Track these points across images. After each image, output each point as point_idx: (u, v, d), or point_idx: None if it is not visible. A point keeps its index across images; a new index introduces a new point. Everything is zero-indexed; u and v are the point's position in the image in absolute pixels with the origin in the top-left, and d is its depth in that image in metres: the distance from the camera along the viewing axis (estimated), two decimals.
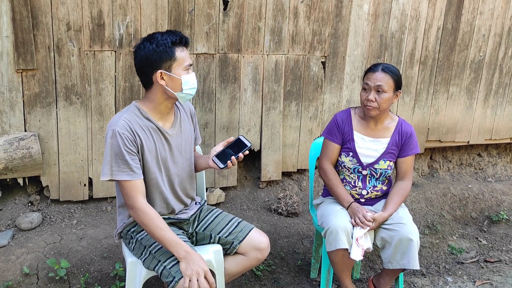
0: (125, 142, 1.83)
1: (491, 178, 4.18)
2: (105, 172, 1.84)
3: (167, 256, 1.87)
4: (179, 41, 1.88)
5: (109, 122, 1.90)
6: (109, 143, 1.83)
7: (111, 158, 1.83)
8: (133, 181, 1.85)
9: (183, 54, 1.89)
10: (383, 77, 2.27)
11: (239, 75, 3.14)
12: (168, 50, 1.85)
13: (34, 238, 2.63)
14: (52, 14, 2.61)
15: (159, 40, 1.85)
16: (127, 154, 1.83)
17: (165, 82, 1.88)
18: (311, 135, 3.48)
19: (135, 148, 1.87)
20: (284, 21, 3.18)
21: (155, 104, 1.94)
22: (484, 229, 3.58)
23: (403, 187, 2.39)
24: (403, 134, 2.40)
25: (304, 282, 2.78)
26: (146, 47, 1.86)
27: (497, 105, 4.04)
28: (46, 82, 2.68)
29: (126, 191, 1.86)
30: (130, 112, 1.91)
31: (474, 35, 3.74)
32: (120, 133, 1.82)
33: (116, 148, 1.82)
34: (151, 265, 1.91)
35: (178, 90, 1.90)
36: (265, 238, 2.11)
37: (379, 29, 3.45)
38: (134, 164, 1.85)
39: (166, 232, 1.84)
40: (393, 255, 2.23)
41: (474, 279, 2.96)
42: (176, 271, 1.81)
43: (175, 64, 1.87)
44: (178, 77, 1.88)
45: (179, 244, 1.83)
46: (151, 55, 1.85)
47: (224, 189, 3.31)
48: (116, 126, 1.83)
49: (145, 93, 1.97)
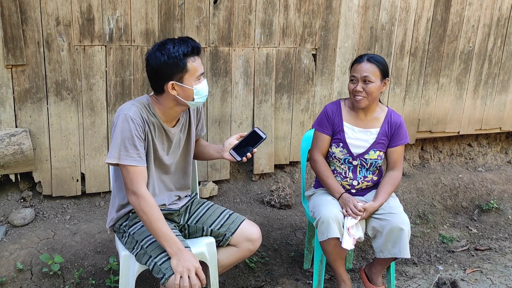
0: (137, 128, 1.84)
1: (481, 167, 4.23)
2: (113, 155, 1.83)
3: (158, 252, 1.88)
4: (191, 52, 1.85)
5: (120, 107, 1.90)
6: (120, 127, 1.83)
7: (121, 142, 1.82)
8: (139, 167, 1.85)
9: (195, 64, 1.87)
10: (368, 68, 2.29)
11: (230, 68, 3.14)
12: (180, 63, 1.83)
13: (27, 234, 2.63)
14: (41, 9, 2.59)
15: (171, 52, 1.82)
16: (137, 139, 1.84)
17: (177, 92, 1.88)
18: (302, 127, 3.49)
19: (144, 135, 1.89)
20: (275, 14, 3.18)
21: (164, 108, 1.95)
22: (474, 218, 3.63)
23: (394, 177, 2.42)
24: (393, 124, 2.42)
25: (297, 273, 2.80)
26: (157, 58, 1.84)
27: (486, 96, 4.08)
28: (36, 77, 2.67)
29: (131, 176, 1.84)
30: (141, 103, 1.92)
31: (463, 26, 3.77)
32: (132, 118, 1.83)
33: (128, 133, 1.82)
34: (143, 260, 1.92)
35: (190, 100, 1.91)
36: (257, 229, 2.13)
37: (369, 21, 3.47)
38: (142, 151, 1.86)
39: (163, 225, 1.85)
40: (385, 244, 2.26)
41: (465, 267, 3.00)
42: (166, 268, 1.82)
43: (187, 76, 1.86)
44: (190, 87, 1.88)
45: (172, 240, 1.84)
46: (163, 68, 1.84)
47: (217, 183, 3.33)
48: (129, 111, 1.84)
49: (157, 96, 1.96)
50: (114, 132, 1.85)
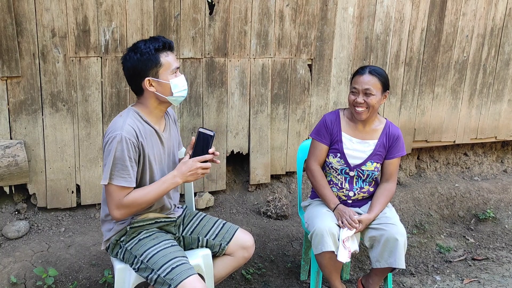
0: (129, 148, 1.83)
1: (477, 177, 4.23)
2: (105, 176, 1.83)
3: (160, 264, 1.86)
4: (162, 47, 1.89)
5: (112, 126, 1.88)
6: (114, 147, 1.81)
7: (113, 163, 1.82)
8: (127, 187, 1.85)
9: (168, 58, 1.91)
10: (370, 80, 2.29)
11: (226, 79, 3.15)
12: (152, 58, 1.87)
13: (21, 246, 2.61)
14: (36, 21, 2.59)
15: (142, 49, 1.87)
16: (129, 160, 1.83)
17: (155, 88, 1.91)
18: (299, 137, 3.49)
19: (137, 155, 1.88)
20: (270, 25, 3.19)
21: (150, 109, 1.96)
22: (471, 227, 3.62)
23: (388, 189, 2.41)
24: (391, 136, 2.42)
25: (294, 284, 2.78)
26: (131, 58, 1.89)
27: (481, 105, 4.10)
28: (31, 89, 2.66)
29: (117, 194, 1.84)
30: (131, 116, 1.91)
31: (457, 36, 3.80)
32: (126, 138, 1.82)
33: (120, 153, 1.82)
34: (143, 274, 1.91)
35: (169, 94, 1.92)
36: (250, 237, 2.16)
37: (364, 31, 3.49)
38: (133, 172, 1.86)
39: (151, 190, 1.89)
40: (381, 254, 2.25)
41: (462, 277, 2.99)
42: (171, 279, 1.80)
43: (161, 70, 1.89)
44: (167, 82, 1.90)
45: (162, 179, 1.90)
46: (137, 65, 1.88)
47: (213, 193, 3.31)
48: (122, 131, 1.83)
49: (138, 99, 1.98)
50: (107, 152, 1.84)
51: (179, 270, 1.82)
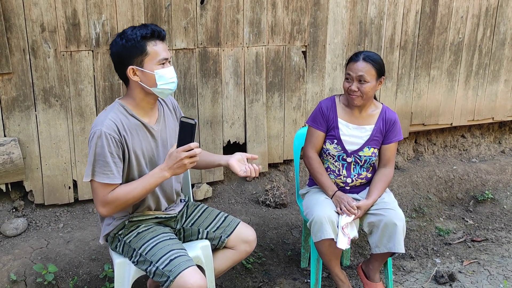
0: (110, 144, 1.78)
1: (475, 158, 4.23)
2: (87, 173, 1.81)
3: (159, 256, 1.85)
4: (151, 35, 1.81)
5: (94, 121, 1.85)
6: (94, 143, 1.78)
7: (94, 159, 1.79)
8: (111, 184, 1.81)
9: (156, 48, 1.82)
10: (364, 67, 2.26)
11: (220, 69, 3.12)
12: (137, 45, 1.79)
13: (20, 244, 2.60)
14: (25, 16, 2.55)
15: (129, 35, 1.80)
16: (110, 156, 1.79)
17: (139, 78, 1.84)
18: (295, 125, 3.48)
19: (120, 150, 1.83)
20: (263, 12, 3.15)
21: (136, 101, 1.89)
22: (470, 209, 3.63)
23: (386, 174, 2.40)
24: (387, 121, 2.41)
25: (294, 272, 2.79)
26: (117, 44, 1.83)
27: (478, 86, 4.08)
28: (23, 85, 2.63)
29: (101, 191, 1.81)
30: (115, 110, 1.86)
31: (452, 17, 3.76)
32: (106, 133, 1.77)
33: (100, 149, 1.78)
34: (142, 267, 1.90)
35: (153, 86, 1.84)
36: (252, 231, 2.14)
37: (358, 15, 3.45)
38: (115, 168, 1.81)
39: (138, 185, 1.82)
40: (380, 239, 2.25)
41: (462, 259, 3.00)
42: (170, 270, 1.79)
43: (147, 59, 1.81)
44: (151, 72, 1.82)
45: (149, 174, 1.83)
46: (122, 52, 1.81)
47: (211, 184, 3.30)
48: (102, 126, 1.78)
49: (127, 91, 1.93)
50: (89, 148, 1.81)
51: (177, 261, 1.81)
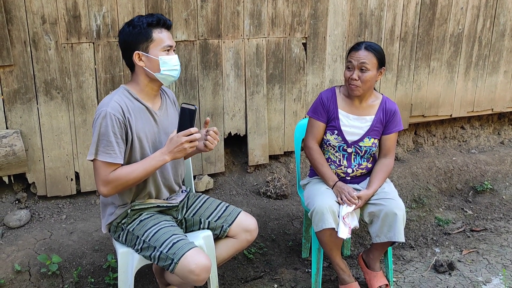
0: (114, 124, 1.84)
1: (474, 149, 4.25)
2: (91, 152, 1.86)
3: (161, 241, 1.88)
4: (156, 23, 1.90)
5: (100, 104, 1.91)
6: (98, 123, 1.84)
7: (98, 139, 1.84)
8: (113, 163, 1.85)
9: (161, 35, 1.91)
10: (366, 56, 2.28)
11: (220, 60, 3.12)
12: (143, 32, 1.88)
13: (24, 235, 2.62)
14: (26, 8, 2.56)
15: (135, 23, 1.89)
16: (113, 136, 1.84)
17: (144, 63, 1.91)
18: (295, 117, 3.49)
19: (123, 131, 1.88)
20: (263, 4, 3.15)
21: (141, 87, 1.97)
22: (469, 199, 3.65)
23: (386, 164, 2.42)
24: (387, 112, 2.42)
25: (296, 262, 2.82)
26: (124, 30, 1.92)
27: (477, 77, 4.09)
28: (24, 77, 2.64)
29: (103, 170, 1.85)
30: (120, 93, 1.92)
31: (452, 8, 3.76)
32: (111, 114, 1.83)
33: (104, 129, 1.83)
34: (146, 254, 1.93)
35: (156, 71, 1.91)
36: (253, 220, 2.17)
37: (358, 7, 3.45)
38: (118, 148, 1.86)
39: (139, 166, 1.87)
40: (381, 229, 2.27)
41: (461, 249, 3.03)
42: (174, 253, 1.82)
43: (152, 45, 1.90)
44: (155, 58, 1.90)
45: (152, 156, 1.88)
46: (128, 37, 1.90)
47: (212, 176, 3.32)
48: (107, 107, 1.84)
49: (132, 76, 1.99)
50: (94, 128, 1.87)
51: (180, 244, 1.85)
